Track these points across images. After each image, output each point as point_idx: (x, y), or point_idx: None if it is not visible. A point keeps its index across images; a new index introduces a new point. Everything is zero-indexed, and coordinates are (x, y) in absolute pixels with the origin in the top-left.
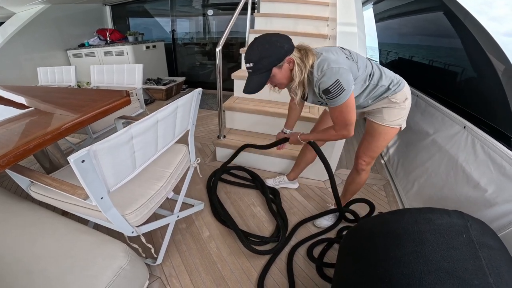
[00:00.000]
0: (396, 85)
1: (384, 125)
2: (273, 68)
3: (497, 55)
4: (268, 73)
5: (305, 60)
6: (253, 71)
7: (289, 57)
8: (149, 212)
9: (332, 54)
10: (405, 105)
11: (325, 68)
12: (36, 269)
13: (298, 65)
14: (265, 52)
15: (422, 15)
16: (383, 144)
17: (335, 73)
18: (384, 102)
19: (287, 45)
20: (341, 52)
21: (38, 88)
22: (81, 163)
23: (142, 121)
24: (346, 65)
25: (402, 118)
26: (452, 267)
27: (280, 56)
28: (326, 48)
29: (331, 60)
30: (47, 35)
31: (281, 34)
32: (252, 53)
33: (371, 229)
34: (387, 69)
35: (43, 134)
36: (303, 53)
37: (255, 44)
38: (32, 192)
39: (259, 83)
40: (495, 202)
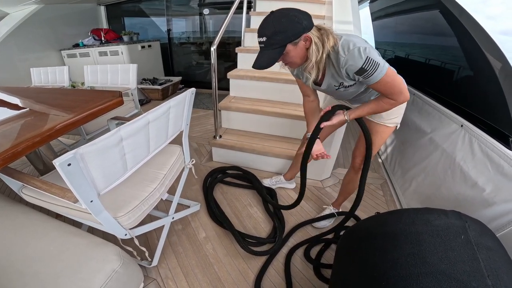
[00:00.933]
0: None
1: (381, 123)
2: (288, 44)
3: (494, 53)
4: (282, 49)
5: (326, 40)
6: (266, 46)
7: (306, 35)
8: (142, 214)
9: (353, 37)
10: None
11: (351, 47)
12: (29, 272)
13: (316, 44)
14: (281, 26)
15: (418, 13)
16: (380, 143)
17: (363, 51)
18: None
19: (306, 22)
20: (360, 37)
21: (31, 89)
22: (67, 166)
23: (132, 123)
24: (369, 45)
25: (398, 117)
26: (450, 269)
27: (297, 32)
28: (345, 34)
29: (355, 41)
30: (40, 36)
31: (301, 9)
32: (267, 27)
33: (368, 230)
34: None
35: (33, 136)
36: (323, 33)
37: (270, 18)
38: (24, 195)
39: (271, 58)
40: (493, 202)
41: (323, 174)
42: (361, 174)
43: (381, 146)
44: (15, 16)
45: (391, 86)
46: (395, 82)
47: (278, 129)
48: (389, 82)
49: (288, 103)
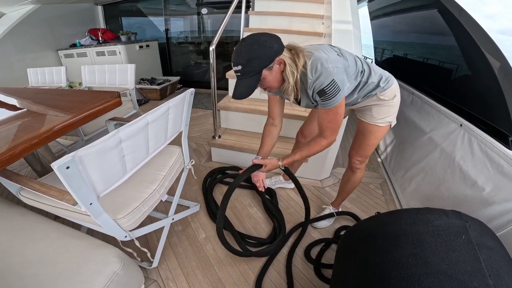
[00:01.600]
0: (385, 81)
1: (374, 123)
2: (263, 70)
3: (493, 52)
4: (258, 75)
5: (297, 60)
6: (242, 74)
7: (279, 58)
8: (142, 216)
9: (323, 52)
10: (393, 102)
11: (319, 68)
12: (28, 274)
13: (289, 66)
14: (254, 53)
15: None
16: (374, 143)
17: (330, 72)
18: (373, 100)
19: (276, 45)
20: (331, 49)
21: (28, 90)
22: (66, 169)
23: (131, 124)
24: (339, 63)
25: (391, 115)
26: (451, 269)
27: (270, 56)
28: (316, 47)
29: (324, 59)
30: (37, 36)
31: (270, 33)
32: (240, 55)
33: (369, 230)
34: (375, 66)
35: (30, 138)
36: (294, 53)
37: (242, 45)
38: (22, 197)
39: (250, 86)
40: (493, 201)
41: (323, 173)
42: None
43: (377, 145)
44: (12, 16)
45: (337, 119)
46: (341, 117)
47: None
48: (337, 114)
49: (287, 103)
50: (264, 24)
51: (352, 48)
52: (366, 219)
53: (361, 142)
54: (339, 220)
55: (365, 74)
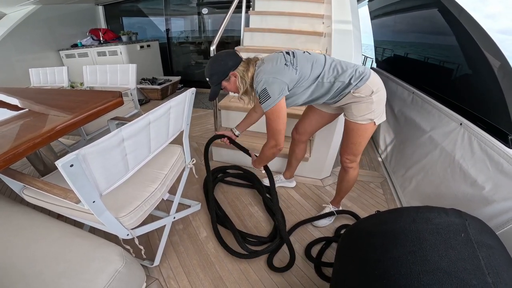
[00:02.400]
0: (357, 79)
1: (354, 121)
2: (222, 81)
3: (493, 51)
4: (219, 85)
5: (246, 73)
6: (211, 83)
7: (233, 72)
8: (144, 214)
9: (271, 63)
10: (372, 98)
11: (259, 78)
12: (31, 273)
13: (241, 78)
14: (213, 69)
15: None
16: (359, 141)
17: (265, 82)
18: (349, 98)
19: (231, 62)
20: (282, 58)
21: (30, 90)
22: (70, 167)
23: (133, 123)
24: (281, 74)
25: (372, 113)
26: (451, 267)
27: (225, 72)
28: (272, 56)
29: (266, 70)
30: (38, 36)
31: (231, 51)
32: (206, 70)
33: (369, 229)
34: (348, 63)
35: (33, 137)
36: (246, 67)
37: (208, 63)
38: (25, 196)
39: (215, 92)
40: (492, 200)
41: (323, 172)
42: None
43: (365, 143)
44: (13, 16)
45: (271, 123)
46: (275, 121)
47: None
48: (270, 119)
49: None
50: (265, 24)
51: (351, 48)
52: (366, 217)
53: (346, 140)
54: (339, 219)
55: (325, 76)
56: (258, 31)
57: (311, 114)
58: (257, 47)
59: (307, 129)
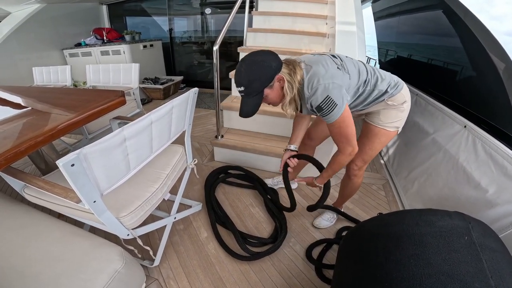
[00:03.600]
0: (394, 87)
1: (381, 127)
2: (265, 89)
3: (498, 53)
4: (260, 94)
5: (293, 76)
6: (246, 95)
7: (278, 75)
8: (145, 214)
9: (322, 66)
10: (403, 107)
11: (315, 84)
12: (30, 272)
13: (288, 82)
14: (254, 74)
15: (421, 13)
16: (377, 147)
17: (325, 89)
18: (382, 105)
19: (274, 63)
20: (332, 62)
21: (33, 88)
22: (71, 167)
23: (135, 123)
24: (338, 78)
25: (400, 121)
26: (453, 270)
27: (270, 76)
28: (316, 59)
29: (321, 75)
30: (43, 35)
31: (267, 51)
32: (241, 77)
33: (371, 231)
34: (384, 72)
35: (35, 136)
36: (291, 68)
37: (242, 67)
38: (26, 195)
39: (254, 105)
40: (496, 203)
41: None
42: None
43: (379, 151)
44: (17, 15)
45: (342, 131)
46: (347, 128)
47: (280, 129)
48: (341, 127)
49: None
50: (268, 24)
51: (355, 49)
52: (368, 219)
53: (364, 145)
54: (340, 221)
55: (370, 83)
56: (261, 32)
57: (322, 121)
58: (260, 47)
59: (320, 135)
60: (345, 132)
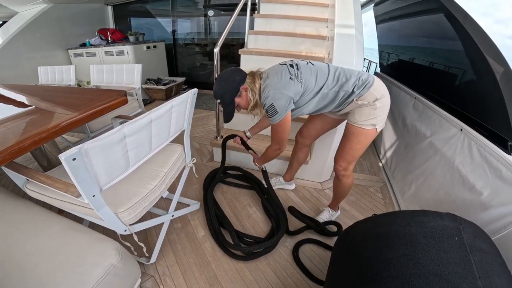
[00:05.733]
0: (361, 87)
1: (357, 125)
2: (235, 98)
3: (496, 58)
4: (233, 103)
5: (253, 85)
6: (223, 105)
7: (243, 86)
8: (142, 210)
9: (276, 77)
10: (375, 104)
11: (266, 93)
12: (28, 266)
13: (251, 91)
14: (223, 88)
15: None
16: (357, 147)
17: (272, 98)
18: (353, 105)
19: (238, 77)
20: (287, 72)
21: (38, 87)
22: (72, 161)
23: (135, 121)
24: (286, 88)
25: (375, 118)
26: (442, 270)
27: (235, 87)
28: (276, 69)
29: (272, 85)
30: (49, 34)
31: (233, 69)
32: (216, 92)
33: (364, 231)
34: (352, 71)
35: (39, 132)
36: (252, 79)
37: (215, 84)
38: (28, 190)
39: (230, 113)
40: (490, 205)
41: (323, 176)
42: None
43: (362, 151)
44: (24, 15)
45: (277, 133)
46: (282, 133)
47: None
48: (277, 130)
49: None
50: (269, 27)
51: (353, 52)
52: (361, 220)
53: (344, 144)
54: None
55: (330, 86)
56: (262, 34)
57: (316, 118)
58: (261, 49)
59: (312, 133)
60: (278, 135)
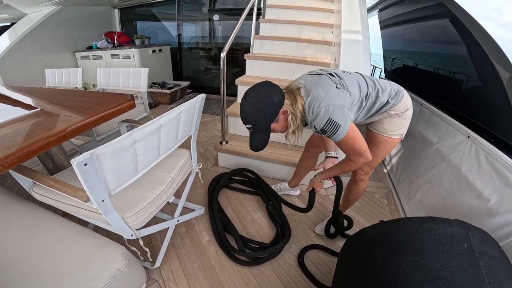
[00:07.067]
0: (395, 97)
1: (386, 135)
2: (271, 124)
3: (503, 63)
4: (267, 130)
5: (295, 106)
6: (254, 131)
7: (282, 109)
8: (149, 215)
9: (321, 89)
10: (406, 115)
11: (316, 108)
12: (33, 270)
13: (292, 114)
14: (259, 113)
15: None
16: (383, 154)
17: (326, 112)
18: (384, 115)
19: (277, 98)
20: (330, 82)
21: (45, 90)
22: (84, 166)
23: (146, 126)
24: (338, 98)
25: (403, 128)
26: (451, 276)
27: (274, 112)
28: (315, 80)
29: (321, 98)
30: (56, 37)
31: (268, 83)
32: (247, 115)
33: (371, 237)
34: (384, 81)
35: (48, 136)
36: (293, 99)
37: (246, 106)
38: (34, 193)
39: (263, 141)
40: (498, 212)
41: (328, 182)
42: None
43: (385, 157)
44: (33, 17)
45: (351, 147)
46: (356, 143)
47: (283, 136)
48: (349, 144)
49: None
50: (275, 32)
51: (360, 58)
52: (369, 226)
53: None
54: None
55: (371, 96)
56: (268, 39)
57: None
58: (266, 54)
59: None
60: (354, 147)
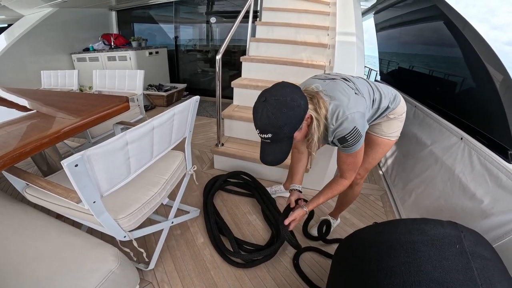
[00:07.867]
0: (393, 102)
1: (384, 137)
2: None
3: (495, 65)
4: (290, 140)
5: (320, 111)
6: (273, 141)
7: (307, 115)
8: (142, 217)
9: (343, 95)
10: (402, 117)
11: (341, 116)
12: (26, 270)
13: (316, 120)
14: (284, 118)
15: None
16: (380, 156)
17: (351, 120)
18: (383, 119)
19: (303, 101)
20: (348, 87)
21: (40, 91)
22: (75, 167)
23: (138, 128)
24: (359, 105)
25: (399, 130)
26: (443, 278)
27: (301, 117)
28: (332, 86)
29: (345, 105)
30: (53, 39)
31: (290, 84)
32: (269, 122)
33: (365, 239)
34: (383, 85)
35: (41, 137)
36: (316, 103)
37: (268, 110)
38: (27, 195)
39: (284, 152)
40: (491, 213)
41: (323, 184)
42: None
43: (381, 159)
44: (30, 18)
45: (356, 162)
46: (360, 158)
47: None
48: (357, 157)
49: None
50: (271, 35)
51: (354, 60)
52: (362, 228)
53: (368, 155)
54: (335, 230)
55: (376, 102)
56: (264, 42)
57: None
58: (262, 57)
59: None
60: (357, 162)
